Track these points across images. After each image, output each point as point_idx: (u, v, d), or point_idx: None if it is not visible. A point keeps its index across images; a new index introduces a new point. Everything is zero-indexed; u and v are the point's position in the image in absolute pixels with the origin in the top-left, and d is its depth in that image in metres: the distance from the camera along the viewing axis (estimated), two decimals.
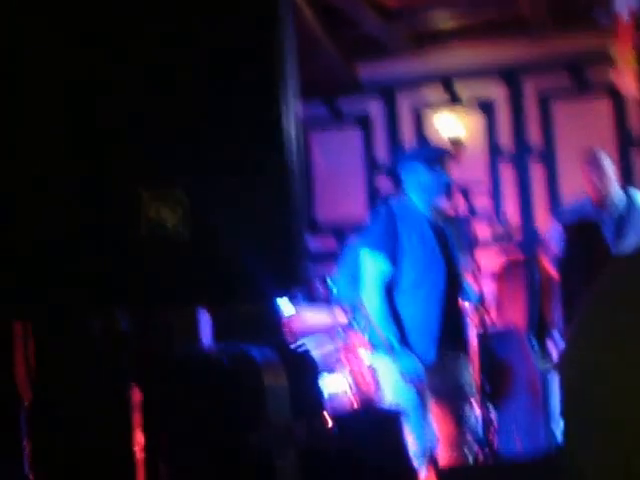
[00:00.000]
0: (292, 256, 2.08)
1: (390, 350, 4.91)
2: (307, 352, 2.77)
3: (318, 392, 2.62)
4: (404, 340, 4.91)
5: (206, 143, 2.02)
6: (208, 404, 2.32)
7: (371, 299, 5.01)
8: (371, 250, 4.99)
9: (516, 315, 6.59)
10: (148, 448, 2.26)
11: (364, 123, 9.22)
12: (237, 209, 2.04)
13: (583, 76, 8.60)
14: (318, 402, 2.58)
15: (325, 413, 2.52)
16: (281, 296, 5.25)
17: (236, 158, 2.04)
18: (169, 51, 2.02)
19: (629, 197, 6.15)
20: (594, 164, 6.19)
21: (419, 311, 4.92)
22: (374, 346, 5.04)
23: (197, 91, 2.04)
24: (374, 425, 3.06)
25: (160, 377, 2.32)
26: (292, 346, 4.51)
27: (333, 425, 2.69)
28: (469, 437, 5.16)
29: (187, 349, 2.61)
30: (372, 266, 4.97)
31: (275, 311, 3.93)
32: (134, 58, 2.00)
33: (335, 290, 6.51)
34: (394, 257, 4.92)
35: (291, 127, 2.09)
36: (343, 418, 3.05)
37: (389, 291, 4.97)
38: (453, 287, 5.01)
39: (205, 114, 2.03)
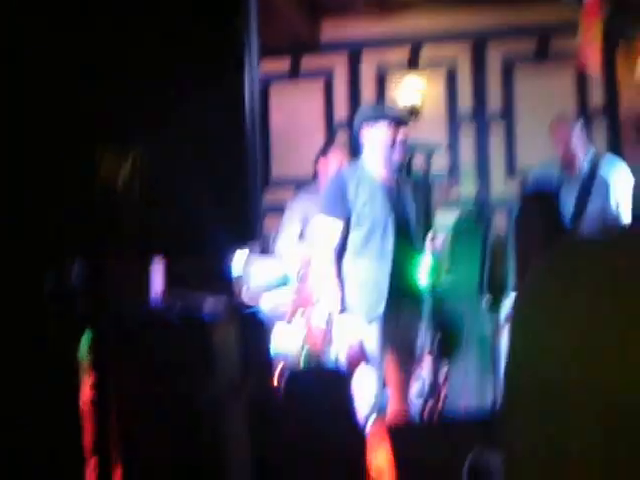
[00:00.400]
0: (246, 211, 2.10)
1: (335, 309, 5.01)
2: (257, 307, 2.78)
3: (268, 348, 2.62)
4: (352, 299, 5.02)
5: (162, 98, 2.04)
6: (158, 359, 2.31)
7: (319, 260, 5.14)
8: (323, 214, 5.12)
9: (470, 275, 6.65)
10: (98, 401, 2.28)
11: (326, 81, 9.20)
12: (192, 164, 2.06)
13: (548, 45, 8.62)
14: (267, 358, 2.58)
15: (273, 369, 2.52)
16: (235, 249, 5.28)
17: (192, 114, 2.06)
18: (132, 12, 2.03)
19: (596, 162, 6.24)
20: (566, 127, 6.27)
21: (368, 269, 5.02)
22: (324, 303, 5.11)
23: (154, 48, 2.05)
24: (322, 383, 3.08)
25: (110, 329, 2.31)
26: (243, 302, 4.56)
27: (281, 381, 2.71)
28: (419, 392, 5.23)
29: (137, 302, 2.60)
30: (323, 230, 5.10)
31: (227, 266, 3.95)
32: (98, 21, 2.02)
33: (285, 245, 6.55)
34: (344, 218, 5.02)
35: (249, 85, 2.11)
36: (291, 375, 3.06)
37: (339, 251, 5.07)
38: (404, 245, 5.06)
39: (162, 72, 2.05)
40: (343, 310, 4.99)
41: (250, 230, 2.15)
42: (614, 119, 8.35)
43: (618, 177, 6.18)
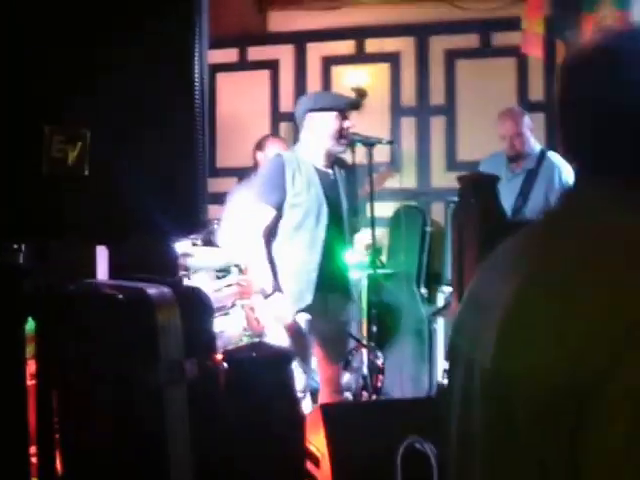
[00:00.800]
0: (193, 200, 2.11)
1: (264, 295, 5.01)
2: (201, 290, 2.77)
3: (210, 330, 2.61)
4: (280, 284, 4.99)
5: (111, 81, 2.02)
6: (101, 337, 2.28)
7: (249, 246, 5.08)
8: (256, 199, 5.06)
9: (407, 262, 6.77)
10: (41, 378, 2.30)
11: (272, 71, 9.28)
12: (140, 149, 2.05)
13: (490, 38, 8.76)
14: (210, 340, 2.57)
15: (216, 350, 2.54)
16: (181, 238, 5.31)
17: (142, 98, 2.06)
18: None
19: (542, 156, 6.38)
20: (513, 119, 6.39)
21: (299, 255, 4.99)
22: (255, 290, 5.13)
23: (104, 31, 2.03)
24: (264, 364, 3.07)
25: (54, 310, 2.34)
26: (186, 284, 4.58)
27: (224, 362, 2.75)
28: (352, 380, 5.28)
29: (82, 283, 2.58)
30: (254, 214, 5.03)
31: (170, 248, 3.96)
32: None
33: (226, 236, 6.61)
34: (277, 205, 4.99)
35: (200, 72, 2.13)
36: (234, 356, 3.06)
37: (270, 235, 5.05)
38: (336, 235, 5.07)
39: (112, 53, 2.04)
40: (275, 291, 4.96)
41: (196, 220, 2.19)
42: (552, 114, 8.49)
43: (561, 175, 6.30)
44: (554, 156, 6.46)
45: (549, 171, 6.33)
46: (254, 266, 5.12)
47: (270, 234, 5.04)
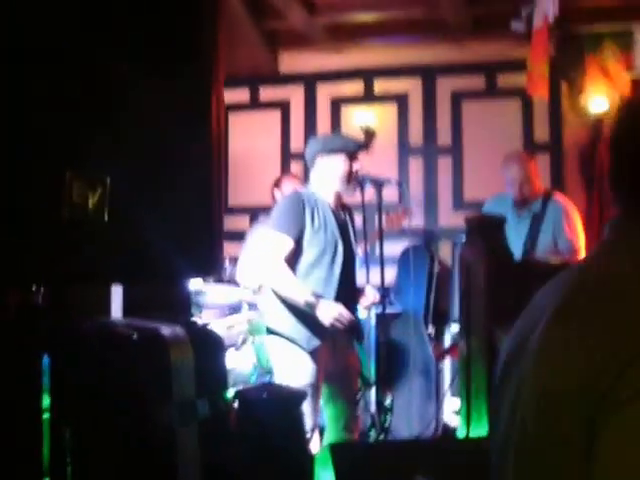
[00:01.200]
0: (209, 243, 2.15)
1: (312, 307, 4.88)
2: (213, 330, 2.75)
3: (223, 369, 2.60)
4: (293, 325, 4.96)
5: (130, 128, 2.06)
6: (115, 376, 2.30)
7: (273, 271, 4.96)
8: (275, 230, 4.99)
9: (415, 301, 6.80)
10: (54, 413, 2.33)
11: (283, 111, 9.38)
12: (158, 193, 2.09)
13: (495, 80, 8.86)
14: (222, 379, 2.56)
15: (228, 390, 2.54)
16: (197, 278, 5.33)
17: (160, 143, 2.10)
18: (100, 44, 2.05)
19: (547, 198, 6.44)
20: (519, 164, 6.44)
21: (314, 292, 4.90)
22: (269, 326, 5.12)
23: (120, 75, 2.07)
24: (275, 405, 3.05)
25: (69, 347, 2.36)
26: (198, 323, 4.58)
27: (236, 403, 2.77)
28: (360, 419, 5.26)
29: (97, 322, 2.59)
30: (274, 244, 4.96)
31: (184, 287, 3.97)
32: (68, 41, 2.04)
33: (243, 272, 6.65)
34: (296, 238, 4.93)
35: (216, 113, 2.18)
36: (245, 396, 3.05)
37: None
38: (349, 272, 5.06)
39: (131, 99, 2.08)
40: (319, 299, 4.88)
41: (212, 261, 2.23)
42: (558, 153, 8.58)
43: (567, 216, 6.36)
44: (559, 197, 6.52)
45: (555, 213, 6.36)
46: (286, 286, 4.95)
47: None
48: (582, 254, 6.24)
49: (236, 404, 2.79)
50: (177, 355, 2.32)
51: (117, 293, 2.93)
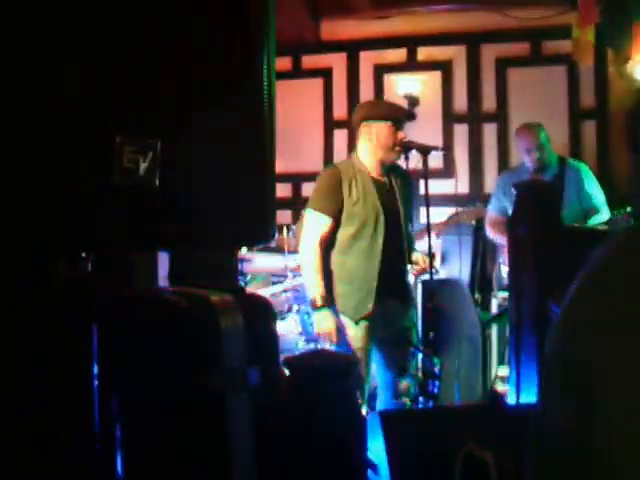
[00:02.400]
0: (264, 209, 2.12)
1: (313, 306, 5.02)
2: (263, 297, 2.74)
3: (273, 337, 2.59)
4: (340, 297, 5.03)
5: (180, 89, 2.03)
6: (164, 343, 2.26)
7: (304, 255, 5.10)
8: (312, 209, 5.09)
9: (461, 269, 6.76)
10: (103, 383, 2.32)
11: (325, 79, 9.34)
12: (209, 158, 2.06)
13: (541, 47, 8.76)
14: (273, 347, 2.54)
15: (280, 358, 2.53)
16: (248, 247, 5.35)
17: (213, 109, 2.07)
18: (149, 11, 2.03)
19: (564, 166, 6.50)
20: (529, 135, 6.51)
21: (358, 264, 5.00)
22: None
23: (174, 36, 2.04)
24: (326, 372, 3.04)
25: (117, 316, 2.35)
26: (247, 290, 4.58)
27: (286, 370, 2.75)
28: (409, 386, 5.28)
29: (144, 290, 2.57)
30: (312, 224, 5.06)
31: (232, 254, 3.97)
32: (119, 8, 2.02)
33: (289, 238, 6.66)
34: (334, 215, 5.00)
35: (269, 82, 2.14)
36: (296, 364, 3.03)
37: (328, 247, 5.06)
38: (395, 240, 5.08)
39: (184, 60, 2.05)
40: (328, 306, 4.98)
41: (267, 229, 2.19)
42: (604, 120, 8.49)
43: (586, 174, 6.61)
44: (573, 161, 6.80)
45: (574, 175, 6.56)
46: (306, 276, 5.10)
47: (329, 244, 5.05)
48: (606, 210, 6.46)
49: (286, 372, 2.76)
50: (227, 322, 2.30)
51: (164, 261, 2.92)
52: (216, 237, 2.14)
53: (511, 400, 4.49)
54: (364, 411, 4.85)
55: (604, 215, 6.42)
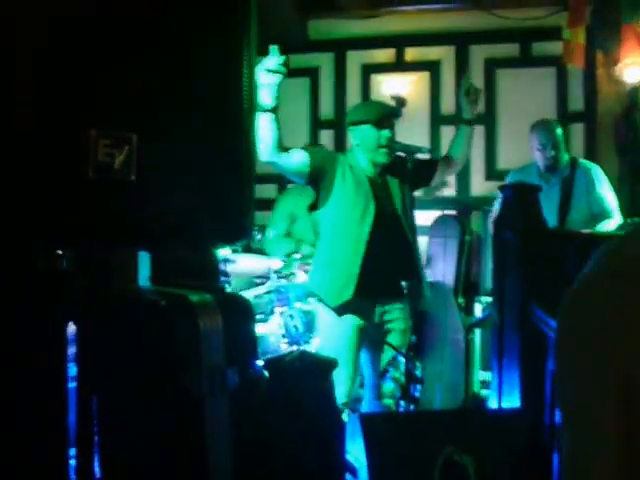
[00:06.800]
0: (240, 207, 2.09)
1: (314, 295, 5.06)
2: (242, 297, 2.73)
3: (252, 337, 2.58)
4: (322, 281, 5.07)
5: (161, 85, 2.01)
6: (143, 342, 2.28)
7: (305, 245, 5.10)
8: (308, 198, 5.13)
9: (446, 273, 6.75)
10: (82, 382, 2.30)
11: (313, 78, 9.31)
12: (188, 156, 2.04)
13: (530, 48, 8.76)
14: (252, 348, 2.53)
15: (258, 358, 2.52)
16: (226, 245, 5.33)
17: (190, 102, 2.04)
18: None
19: (575, 167, 6.42)
20: (545, 132, 6.42)
21: (341, 250, 5.00)
22: (308, 292, 5.14)
23: (154, 33, 2.03)
24: (306, 373, 3.03)
25: (96, 315, 2.33)
26: (227, 291, 4.57)
27: (266, 370, 2.73)
28: (393, 387, 5.26)
29: (124, 289, 2.56)
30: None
31: (213, 254, 3.94)
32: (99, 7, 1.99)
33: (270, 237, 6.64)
34: (313, 169, 5.01)
35: (248, 77, 2.12)
36: (275, 365, 3.03)
37: (323, 237, 5.12)
38: (390, 236, 5.04)
39: (163, 55, 2.03)
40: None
41: (243, 228, 2.17)
42: (592, 123, 8.48)
43: (597, 176, 6.40)
44: (585, 162, 6.57)
45: (585, 177, 6.38)
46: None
47: (316, 230, 5.13)
48: (618, 215, 6.27)
49: (266, 373, 2.74)
50: (206, 322, 2.28)
51: (145, 260, 2.89)
52: (192, 235, 2.12)
53: (493, 404, 4.46)
54: (346, 413, 4.81)
55: (615, 220, 6.23)
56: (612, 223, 6.16)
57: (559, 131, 6.43)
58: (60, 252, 2.30)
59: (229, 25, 2.10)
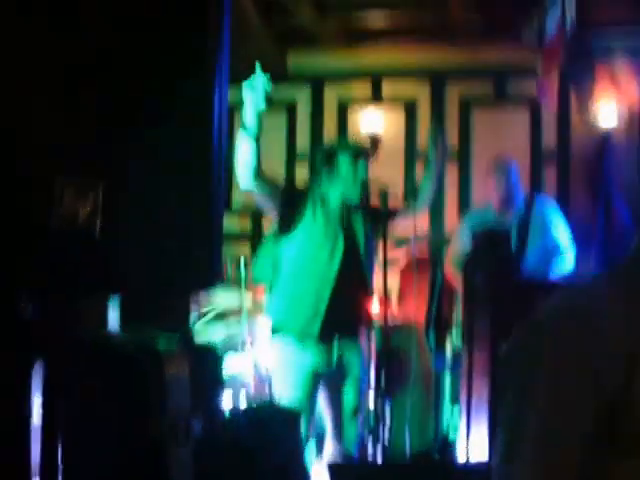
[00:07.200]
0: (211, 256, 2.12)
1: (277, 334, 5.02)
2: (210, 343, 2.73)
3: (219, 384, 2.58)
4: (287, 315, 5.02)
5: (129, 133, 2.03)
6: (109, 388, 2.30)
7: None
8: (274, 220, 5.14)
9: (417, 311, 6.76)
10: (47, 421, 2.31)
11: (290, 111, 9.32)
12: (156, 202, 2.06)
13: (505, 86, 8.82)
14: (218, 395, 2.53)
15: (224, 405, 2.50)
16: (196, 292, 5.32)
17: (158, 147, 2.07)
18: (101, 36, 2.02)
19: (532, 205, 6.52)
20: (499, 171, 6.54)
21: (309, 284, 5.02)
22: (272, 331, 5.11)
23: (120, 77, 2.05)
24: (273, 421, 3.03)
25: (65, 358, 2.34)
26: (195, 335, 4.56)
27: (232, 418, 2.73)
28: (359, 428, 5.25)
29: (93, 332, 2.57)
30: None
31: (184, 297, 3.95)
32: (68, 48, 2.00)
33: (252, 272, 6.63)
34: (279, 193, 5.07)
35: (218, 125, 2.14)
36: (242, 416, 3.02)
37: (282, 264, 5.09)
38: (353, 276, 5.08)
39: (128, 100, 2.05)
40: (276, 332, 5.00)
41: (213, 275, 2.19)
42: (565, 163, 8.54)
43: (553, 214, 6.60)
44: (540, 200, 6.80)
45: (540, 214, 6.54)
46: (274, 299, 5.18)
47: (283, 261, 5.07)
48: (570, 251, 6.45)
49: (231, 419, 2.74)
50: (172, 371, 2.29)
51: (116, 302, 2.89)
52: (161, 282, 2.14)
53: (461, 453, 4.49)
54: (311, 458, 4.78)
55: (569, 255, 6.41)
56: (566, 259, 6.38)
57: (513, 171, 6.64)
58: (26, 301, 2.31)
59: (197, 72, 2.13)
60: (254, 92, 4.62)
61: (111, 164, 2.00)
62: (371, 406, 5.51)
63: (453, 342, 6.70)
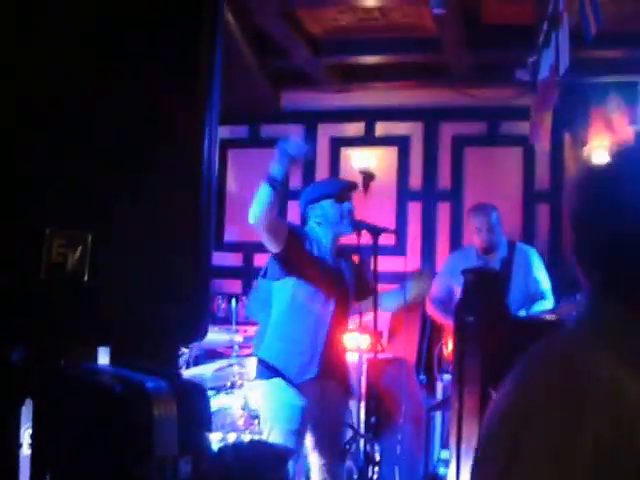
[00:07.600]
0: (198, 310, 2.09)
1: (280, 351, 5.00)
2: (198, 384, 2.70)
3: (207, 425, 2.55)
4: (284, 358, 4.98)
5: (116, 182, 1.99)
6: (96, 428, 2.22)
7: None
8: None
9: (407, 348, 6.75)
10: (36, 459, 2.27)
11: None
12: (143, 253, 2.02)
13: (498, 127, 8.87)
14: (206, 435, 2.50)
15: (211, 447, 2.48)
16: (183, 344, 5.28)
17: (144, 195, 2.03)
18: (87, 87, 1.99)
19: (514, 249, 6.58)
20: (481, 215, 6.58)
21: (307, 327, 4.99)
22: (266, 370, 5.07)
23: (107, 122, 2.01)
24: (261, 459, 3.00)
25: (53, 395, 2.31)
26: (185, 376, 4.50)
27: (220, 456, 2.71)
28: (348, 469, 5.21)
29: (82, 369, 2.54)
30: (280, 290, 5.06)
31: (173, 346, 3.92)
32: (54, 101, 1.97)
33: (245, 308, 6.61)
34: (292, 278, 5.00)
35: (210, 164, 2.12)
36: (231, 454, 2.99)
37: (280, 304, 5.07)
38: (340, 319, 5.10)
39: (113, 147, 2.01)
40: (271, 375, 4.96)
41: (200, 329, 2.16)
42: (558, 204, 8.56)
43: (534, 259, 6.73)
44: (522, 245, 6.92)
45: (523, 258, 6.68)
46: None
47: (282, 301, 5.05)
48: (551, 296, 6.56)
49: (220, 462, 2.72)
50: (160, 411, 2.26)
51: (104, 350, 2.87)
52: (148, 334, 2.10)
53: None
54: None
55: (549, 301, 6.50)
56: (547, 303, 6.46)
57: (494, 215, 6.68)
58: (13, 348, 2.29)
59: (183, 120, 2.10)
60: (286, 153, 4.62)
61: (98, 215, 1.95)
62: (361, 446, 5.47)
63: (444, 380, 6.69)
